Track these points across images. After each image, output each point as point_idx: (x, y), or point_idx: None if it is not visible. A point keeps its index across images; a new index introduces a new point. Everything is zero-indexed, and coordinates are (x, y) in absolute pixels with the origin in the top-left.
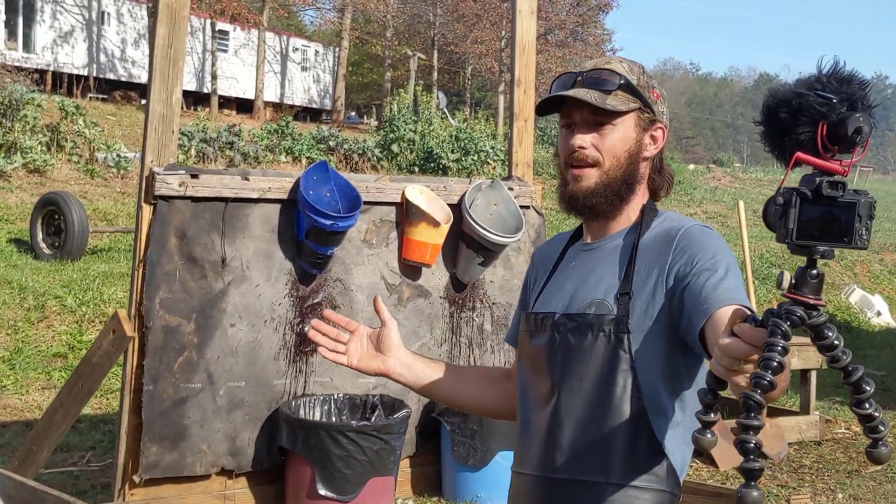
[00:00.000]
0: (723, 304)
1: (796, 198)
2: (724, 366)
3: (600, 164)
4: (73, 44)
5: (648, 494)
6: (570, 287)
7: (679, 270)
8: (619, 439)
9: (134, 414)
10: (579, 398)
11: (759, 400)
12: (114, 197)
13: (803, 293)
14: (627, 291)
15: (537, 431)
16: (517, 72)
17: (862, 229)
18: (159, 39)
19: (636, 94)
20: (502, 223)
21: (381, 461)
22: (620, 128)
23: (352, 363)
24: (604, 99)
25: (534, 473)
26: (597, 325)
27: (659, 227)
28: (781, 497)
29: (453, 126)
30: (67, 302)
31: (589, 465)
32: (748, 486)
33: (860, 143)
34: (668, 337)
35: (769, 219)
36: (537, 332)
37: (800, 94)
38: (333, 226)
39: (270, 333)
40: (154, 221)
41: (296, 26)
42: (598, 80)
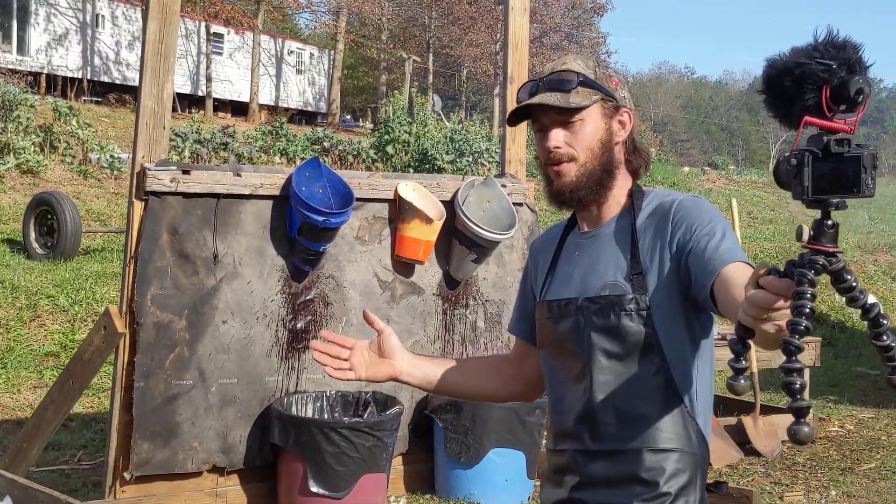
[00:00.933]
0: (726, 263)
1: (808, 157)
2: (753, 315)
3: (576, 159)
4: (68, 46)
5: (685, 457)
6: (578, 274)
7: (680, 239)
8: (652, 409)
9: (125, 411)
10: (610, 374)
11: (798, 344)
12: (107, 198)
13: (822, 243)
14: (640, 271)
15: (571, 410)
16: (510, 68)
17: (868, 179)
18: (150, 35)
19: (596, 87)
20: (495, 220)
21: (374, 458)
22: (588, 121)
23: (360, 376)
24: (566, 98)
25: (573, 448)
26: (618, 304)
27: (651, 206)
28: (775, 494)
29: (448, 128)
30: (60, 301)
31: (625, 437)
32: (798, 423)
33: (862, 102)
34: (682, 302)
35: (782, 178)
36: (561, 318)
37: (801, 63)
38: (326, 222)
39: (263, 330)
40: (145, 218)
41: (291, 29)
42: (559, 81)
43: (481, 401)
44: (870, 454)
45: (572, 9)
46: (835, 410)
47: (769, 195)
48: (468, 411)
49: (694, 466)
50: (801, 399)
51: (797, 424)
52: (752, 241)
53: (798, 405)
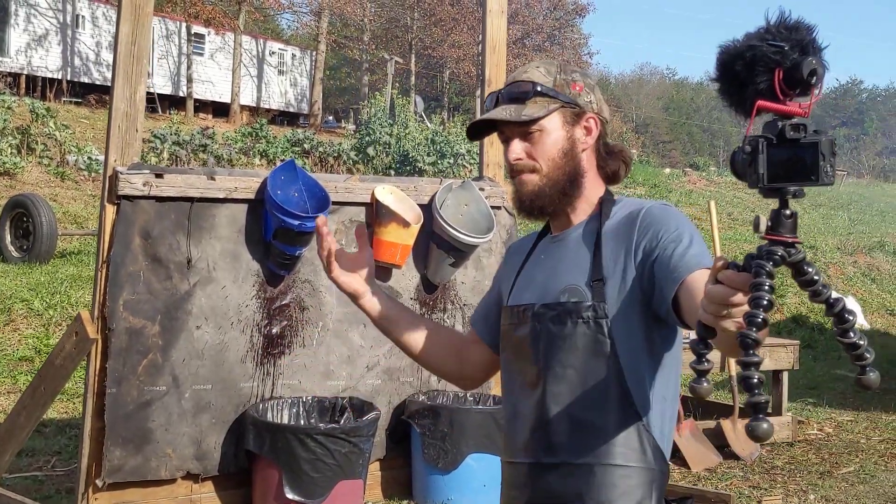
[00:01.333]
0: (692, 270)
1: (763, 143)
2: (712, 312)
3: (538, 170)
4: (48, 47)
5: (639, 473)
6: (541, 278)
7: (646, 247)
8: (606, 421)
9: (97, 417)
10: (564, 385)
11: (755, 337)
12: (84, 200)
13: (780, 233)
14: (600, 277)
15: (525, 419)
16: (488, 71)
17: (826, 167)
18: (122, 37)
19: (553, 96)
20: (473, 224)
21: (350, 464)
22: (547, 131)
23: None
24: (520, 111)
25: (524, 461)
26: (575, 312)
27: (620, 212)
28: (753, 498)
29: (430, 129)
30: (34, 305)
31: (577, 449)
32: (757, 419)
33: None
34: (643, 313)
35: (738, 168)
36: (520, 324)
37: (752, 45)
38: (301, 226)
39: (237, 335)
40: (118, 221)
41: (272, 30)
42: (515, 93)
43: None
44: (848, 458)
45: (554, 10)
46: (814, 413)
47: (749, 196)
48: (446, 417)
49: (648, 482)
50: (759, 394)
51: (756, 420)
52: (733, 242)
53: (756, 400)
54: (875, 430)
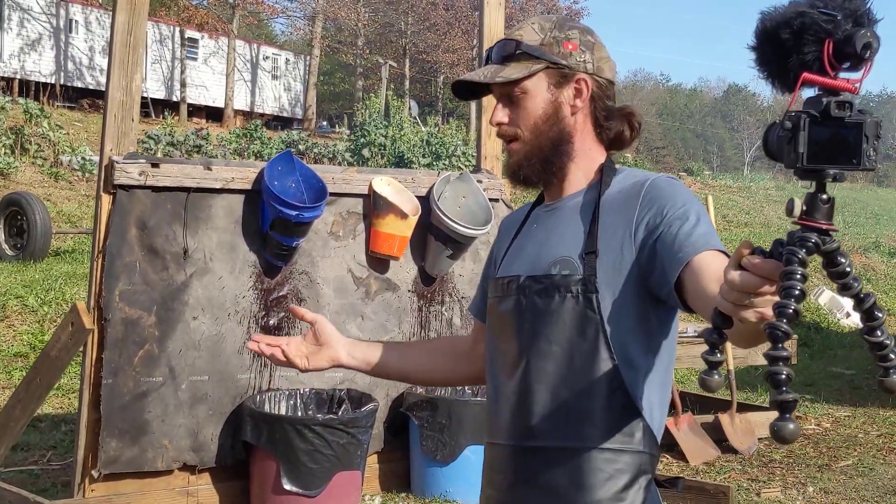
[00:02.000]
0: (698, 251)
1: (805, 120)
2: (733, 301)
3: (520, 137)
4: (41, 52)
5: (626, 457)
6: (531, 248)
7: (648, 222)
8: (594, 402)
9: (93, 408)
10: (549, 362)
11: (786, 329)
12: (78, 199)
13: (815, 219)
14: (594, 250)
15: (507, 399)
16: None
17: (870, 150)
18: (118, 26)
19: (538, 56)
20: (471, 216)
21: (348, 455)
22: (531, 94)
23: (303, 366)
24: (499, 72)
25: (506, 443)
26: (563, 285)
27: (622, 182)
28: (752, 491)
29: (424, 131)
30: (29, 302)
31: (563, 431)
32: (783, 419)
33: (869, 59)
34: (638, 292)
35: (772, 147)
36: (504, 298)
37: (802, 12)
38: (299, 216)
39: (234, 327)
40: (113, 212)
41: (266, 35)
42: (497, 51)
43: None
44: (847, 451)
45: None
46: (811, 409)
47: (744, 199)
48: (444, 408)
49: (637, 466)
50: (787, 391)
51: (782, 420)
52: (727, 243)
53: (783, 398)
54: (872, 424)
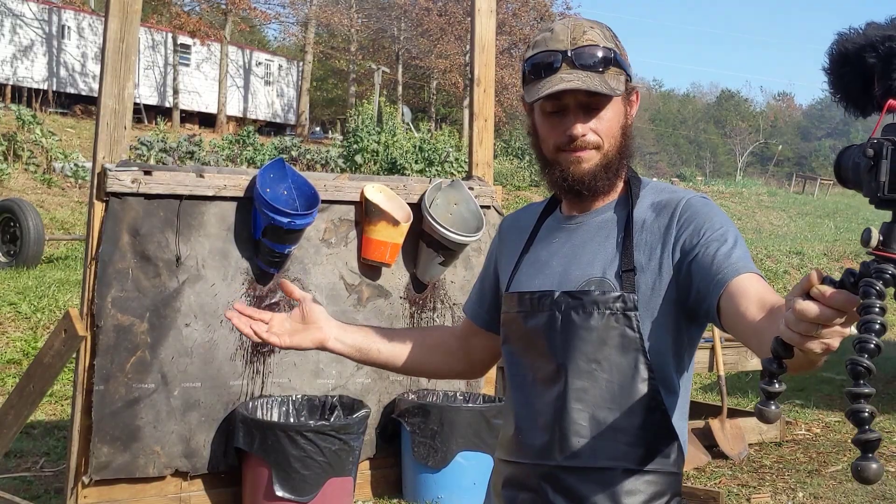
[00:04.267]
0: (738, 274)
1: (889, 148)
2: (801, 332)
3: (600, 147)
4: (33, 58)
5: (663, 478)
6: (557, 264)
7: (686, 243)
8: (633, 422)
9: (86, 415)
10: (589, 380)
11: (868, 365)
12: (71, 206)
13: (893, 250)
14: (631, 268)
15: (540, 417)
16: (477, 71)
17: None
18: (111, 33)
19: (622, 66)
20: (462, 223)
21: (340, 461)
22: (612, 106)
23: (284, 343)
24: (605, 82)
25: (538, 462)
26: (602, 303)
27: (652, 198)
28: (742, 496)
29: (417, 137)
30: (22, 309)
31: (604, 451)
32: (866, 459)
33: None
34: (675, 312)
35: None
36: (533, 313)
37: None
38: (291, 223)
39: (227, 334)
40: (106, 219)
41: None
42: (590, 57)
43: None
44: (836, 457)
45: (541, 20)
46: (801, 414)
47: (736, 205)
48: (436, 415)
49: (672, 487)
50: (870, 430)
51: (865, 460)
52: None
53: (866, 437)
54: None
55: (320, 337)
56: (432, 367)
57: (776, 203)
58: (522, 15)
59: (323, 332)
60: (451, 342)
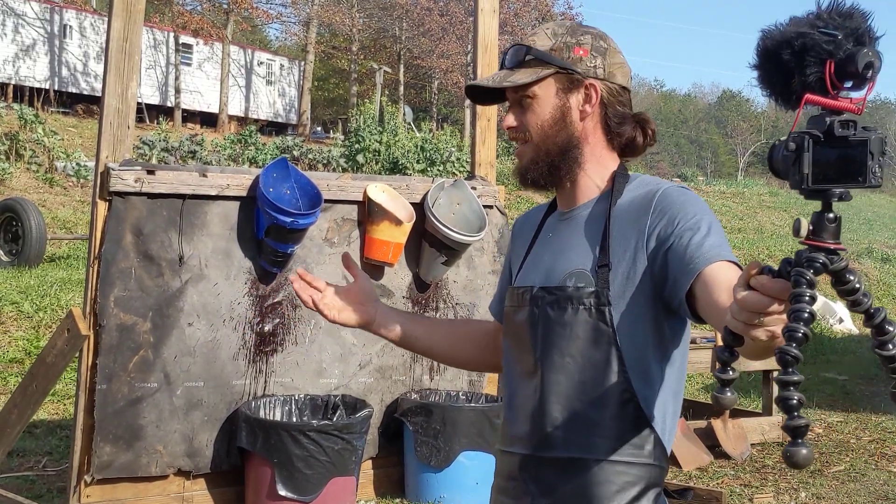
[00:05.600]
0: (709, 262)
1: (809, 141)
2: (743, 320)
3: (529, 140)
4: (35, 57)
5: (636, 469)
6: (548, 258)
7: (660, 233)
8: (605, 414)
9: (89, 414)
10: (562, 374)
11: (796, 354)
12: (73, 205)
13: (823, 238)
14: (606, 263)
15: (522, 408)
16: (479, 71)
17: (875, 167)
18: (114, 33)
19: (547, 60)
20: (465, 222)
21: (343, 461)
22: (539, 98)
23: (333, 317)
24: (507, 77)
25: (520, 452)
26: (576, 297)
27: (633, 192)
28: (745, 496)
29: (419, 137)
30: (24, 308)
31: (575, 442)
32: (795, 445)
33: (871, 79)
34: (652, 303)
35: (777, 166)
36: (520, 308)
37: (802, 33)
38: (294, 223)
39: (230, 333)
40: (109, 218)
41: (260, 40)
42: (509, 57)
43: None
44: (839, 457)
45: (542, 20)
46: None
47: (737, 205)
48: (438, 414)
49: (646, 478)
50: (799, 416)
51: (794, 446)
52: None
53: (795, 424)
54: (864, 430)
55: (366, 318)
56: (466, 358)
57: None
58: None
59: (369, 314)
60: (483, 337)
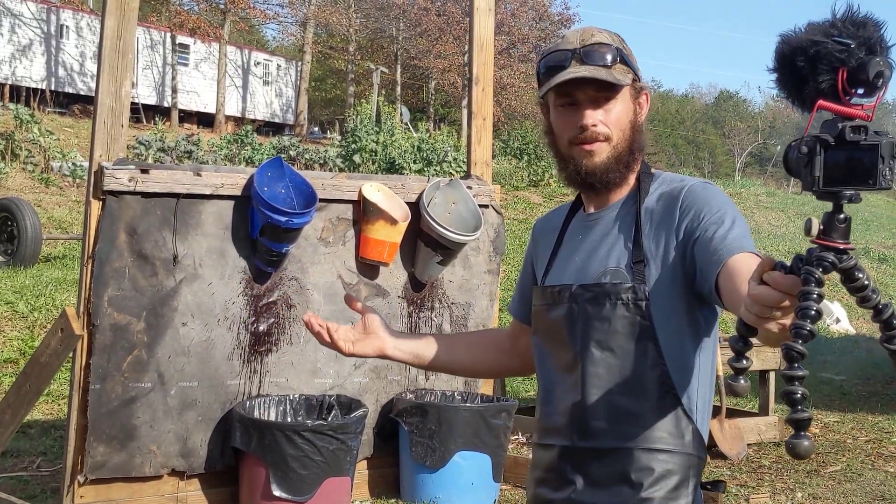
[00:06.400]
0: (733, 253)
1: (819, 145)
2: (756, 313)
3: (610, 139)
4: (32, 57)
5: (677, 458)
6: (579, 259)
7: (687, 227)
8: (645, 405)
9: (83, 414)
10: (602, 367)
11: (801, 350)
12: (69, 205)
13: (833, 238)
14: (641, 259)
15: (561, 402)
16: (475, 70)
17: (885, 170)
18: (108, 31)
19: (629, 64)
20: (461, 222)
21: (337, 461)
22: (621, 100)
23: (349, 349)
24: (612, 74)
25: (559, 444)
26: (614, 293)
27: (660, 190)
28: (741, 496)
29: (415, 137)
30: (19, 308)
31: (616, 432)
32: (798, 437)
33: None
34: (686, 295)
35: (792, 165)
36: (555, 305)
37: (816, 41)
38: (288, 222)
39: (224, 333)
40: (103, 217)
41: (258, 40)
42: (598, 53)
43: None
44: (835, 457)
45: (540, 20)
46: None
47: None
48: (434, 414)
49: (686, 467)
50: (802, 410)
51: (797, 438)
52: None
53: (798, 416)
54: (861, 430)
55: (380, 346)
56: (488, 366)
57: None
58: (521, 15)
59: (382, 341)
60: (503, 341)
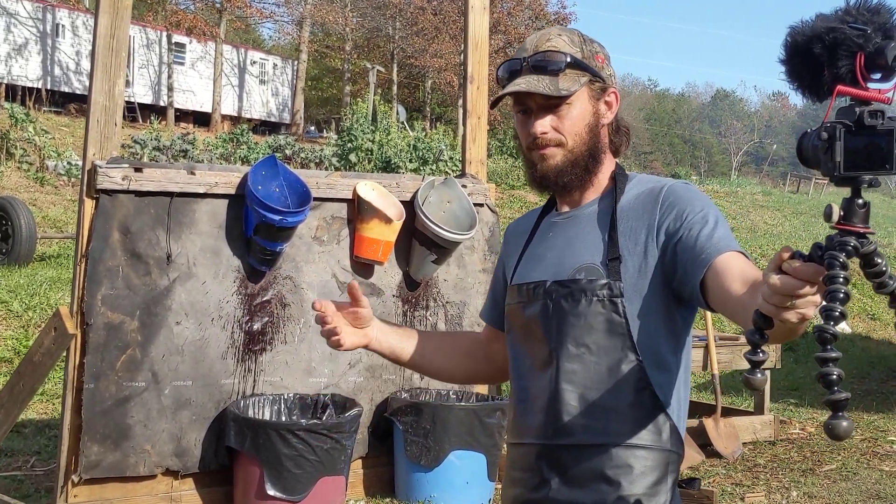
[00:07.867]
0: (720, 252)
1: (841, 130)
2: (776, 304)
3: (563, 144)
4: (27, 56)
5: (655, 454)
6: (552, 256)
7: (669, 226)
8: (622, 401)
9: (76, 414)
10: (578, 363)
11: (834, 332)
12: (64, 204)
13: (853, 223)
14: (616, 256)
15: (536, 400)
16: (470, 68)
17: None
18: (101, 29)
19: (584, 68)
20: (456, 220)
21: (332, 460)
22: (576, 104)
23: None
24: (555, 84)
25: (535, 442)
26: (590, 290)
27: (638, 188)
28: (736, 495)
29: (412, 136)
30: (13, 307)
31: (593, 428)
32: (837, 417)
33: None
34: (663, 293)
35: (807, 154)
36: (529, 302)
37: (833, 28)
38: (283, 221)
39: (218, 332)
40: (96, 216)
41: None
42: (545, 62)
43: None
44: (831, 455)
45: (536, 20)
46: (795, 413)
47: (731, 205)
48: (428, 414)
49: (665, 464)
50: (839, 391)
51: (835, 419)
52: None
53: (836, 398)
54: (857, 429)
55: (365, 341)
56: (460, 373)
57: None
58: (517, 14)
59: (368, 336)
60: (476, 348)
